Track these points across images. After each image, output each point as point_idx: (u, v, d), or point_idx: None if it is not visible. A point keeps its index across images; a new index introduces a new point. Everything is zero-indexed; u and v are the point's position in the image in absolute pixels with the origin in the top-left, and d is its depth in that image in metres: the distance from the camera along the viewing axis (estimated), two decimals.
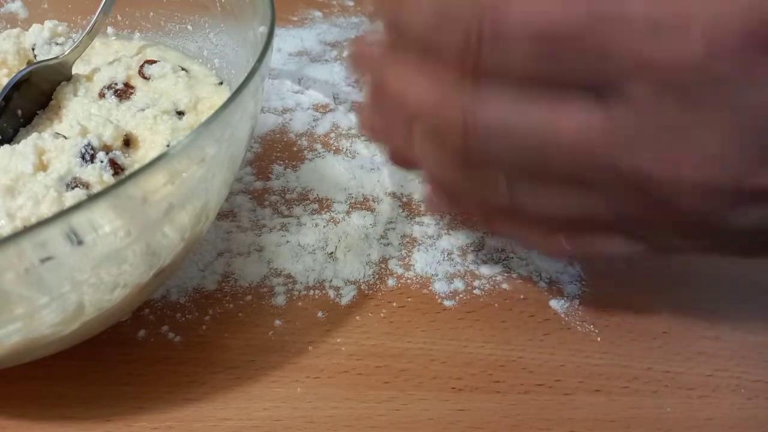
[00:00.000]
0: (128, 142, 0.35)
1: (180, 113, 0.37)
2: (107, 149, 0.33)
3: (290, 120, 0.47)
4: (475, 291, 0.37)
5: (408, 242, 0.39)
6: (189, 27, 0.42)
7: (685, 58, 0.20)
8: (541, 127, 0.22)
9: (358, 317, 0.35)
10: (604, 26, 0.20)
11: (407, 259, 0.38)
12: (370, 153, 0.45)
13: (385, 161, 0.37)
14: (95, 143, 0.32)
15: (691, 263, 0.38)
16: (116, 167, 0.32)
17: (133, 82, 0.39)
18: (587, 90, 0.22)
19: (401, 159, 0.30)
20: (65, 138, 0.33)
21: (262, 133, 0.46)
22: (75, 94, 0.38)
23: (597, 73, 0.21)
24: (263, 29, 0.32)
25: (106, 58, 0.41)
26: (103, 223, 0.24)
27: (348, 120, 0.47)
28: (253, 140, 0.45)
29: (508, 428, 0.31)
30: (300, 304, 0.36)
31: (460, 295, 0.36)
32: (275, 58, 0.52)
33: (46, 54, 0.39)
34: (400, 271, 0.38)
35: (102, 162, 0.32)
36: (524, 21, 0.21)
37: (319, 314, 0.35)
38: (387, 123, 0.29)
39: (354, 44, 0.31)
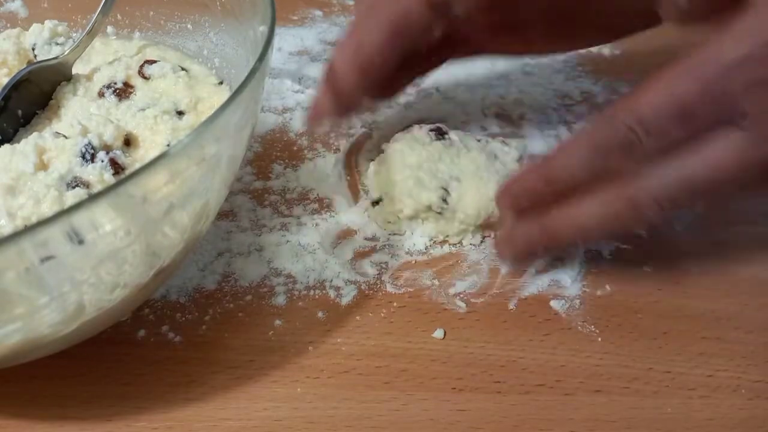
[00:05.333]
0: (128, 142, 0.35)
1: (180, 113, 0.37)
2: (107, 149, 0.33)
3: (290, 119, 0.47)
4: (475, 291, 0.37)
5: None
6: (189, 26, 0.42)
7: None
8: (702, 168, 0.29)
9: (358, 317, 0.35)
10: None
11: None
12: None
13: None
14: (96, 143, 0.32)
15: (691, 264, 0.38)
16: (117, 167, 0.32)
17: (132, 82, 0.39)
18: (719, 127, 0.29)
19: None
20: (66, 137, 0.33)
21: (262, 133, 0.46)
22: (74, 94, 0.38)
23: (723, 115, 0.28)
24: (263, 28, 0.32)
25: (106, 57, 0.41)
26: (104, 223, 0.24)
27: (348, 119, 0.47)
28: (253, 140, 0.45)
29: (508, 428, 0.31)
30: (300, 304, 0.36)
31: (461, 296, 0.36)
32: (275, 58, 0.52)
33: (46, 54, 0.39)
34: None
35: (102, 161, 0.32)
36: (656, 109, 0.28)
37: (320, 314, 0.35)
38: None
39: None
